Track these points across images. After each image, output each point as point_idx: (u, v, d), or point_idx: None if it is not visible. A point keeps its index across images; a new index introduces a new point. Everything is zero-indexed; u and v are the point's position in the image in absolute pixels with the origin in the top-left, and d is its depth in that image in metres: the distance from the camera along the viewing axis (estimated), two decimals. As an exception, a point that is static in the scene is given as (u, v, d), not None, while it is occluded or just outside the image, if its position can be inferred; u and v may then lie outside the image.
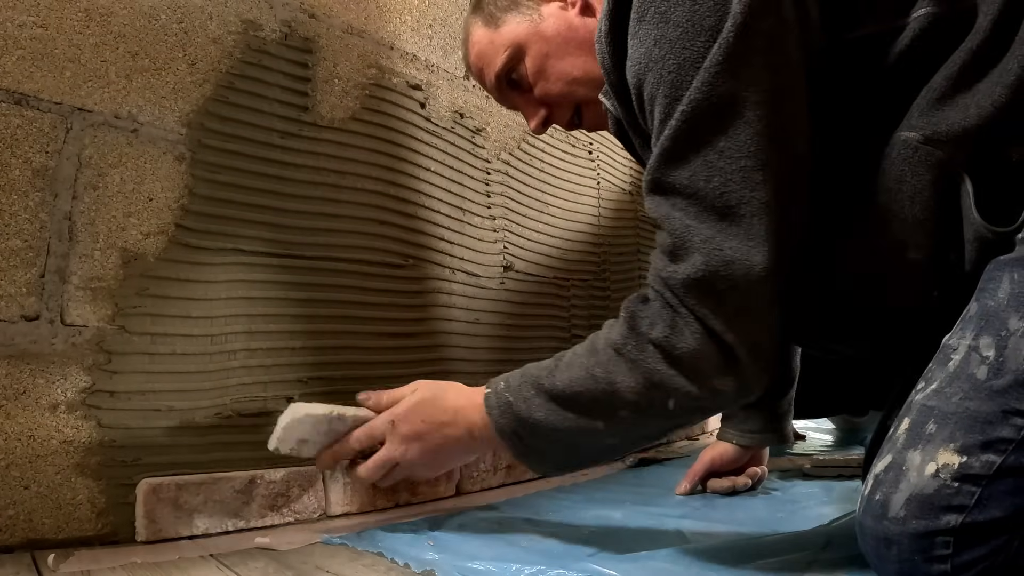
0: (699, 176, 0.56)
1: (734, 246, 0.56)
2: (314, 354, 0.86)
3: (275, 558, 0.66)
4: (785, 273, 0.58)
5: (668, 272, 0.59)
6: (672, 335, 0.59)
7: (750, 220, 0.55)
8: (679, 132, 0.56)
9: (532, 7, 0.80)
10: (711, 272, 0.56)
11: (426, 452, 0.73)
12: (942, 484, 0.49)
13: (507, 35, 0.80)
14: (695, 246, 0.57)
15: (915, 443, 0.52)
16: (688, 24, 0.56)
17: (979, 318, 0.53)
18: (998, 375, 0.50)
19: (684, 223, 0.58)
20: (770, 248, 0.55)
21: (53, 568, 0.59)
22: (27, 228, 0.65)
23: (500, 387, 0.69)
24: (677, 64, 0.56)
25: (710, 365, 0.58)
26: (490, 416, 0.68)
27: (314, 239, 0.87)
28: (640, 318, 0.62)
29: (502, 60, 0.80)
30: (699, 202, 0.57)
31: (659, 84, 0.57)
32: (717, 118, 0.55)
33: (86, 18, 0.69)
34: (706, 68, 0.55)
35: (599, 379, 0.62)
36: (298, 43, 0.87)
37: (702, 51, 0.55)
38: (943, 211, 0.56)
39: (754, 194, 0.55)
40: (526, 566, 0.60)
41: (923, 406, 0.53)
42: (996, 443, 0.48)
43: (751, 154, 0.55)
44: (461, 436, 0.71)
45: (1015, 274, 0.52)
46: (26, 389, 0.64)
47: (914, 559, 0.50)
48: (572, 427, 0.64)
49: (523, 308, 1.19)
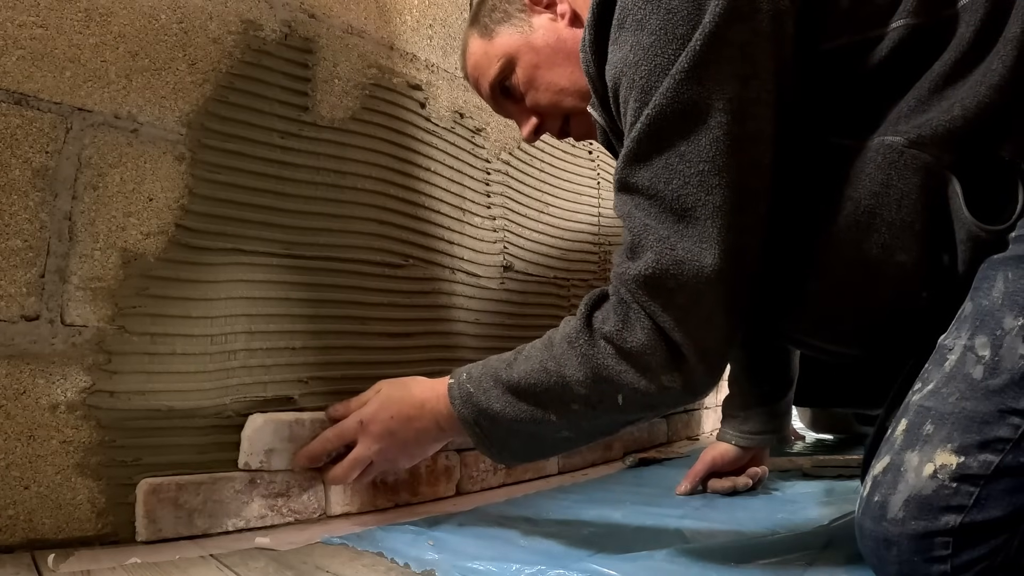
0: (660, 177, 0.59)
1: (686, 247, 0.58)
2: (314, 354, 0.86)
3: (275, 558, 0.66)
4: (745, 276, 0.60)
5: (623, 268, 0.61)
6: (623, 330, 0.61)
7: (704, 223, 0.57)
8: (643, 134, 0.59)
9: (523, 19, 0.82)
10: (662, 270, 0.58)
11: (398, 447, 0.77)
12: (940, 485, 0.49)
13: (500, 46, 0.83)
14: (650, 244, 0.59)
15: (913, 444, 0.52)
16: (662, 32, 0.57)
17: (974, 318, 0.53)
18: (994, 374, 0.50)
19: (643, 222, 0.60)
20: (722, 251, 0.57)
21: (53, 568, 0.59)
22: (27, 228, 0.65)
23: (463, 378, 0.73)
24: (648, 70, 0.58)
25: (658, 361, 0.60)
26: (453, 406, 0.72)
27: (314, 239, 0.87)
28: (595, 313, 0.64)
29: (495, 70, 0.83)
30: (658, 203, 0.59)
31: (631, 88, 0.60)
32: (680, 122, 0.57)
33: (86, 18, 0.69)
34: (672, 75, 0.57)
35: (551, 372, 0.65)
36: (298, 43, 0.87)
37: (672, 58, 0.57)
38: (932, 213, 0.56)
39: (709, 198, 0.57)
40: (526, 566, 0.60)
41: (920, 407, 0.53)
42: (994, 443, 0.48)
43: (710, 159, 0.57)
44: (430, 428, 0.76)
45: (1009, 273, 0.52)
46: (26, 389, 0.64)
47: (913, 560, 0.50)
48: (527, 418, 0.67)
49: (523, 308, 1.19)
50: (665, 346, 0.60)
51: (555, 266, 1.28)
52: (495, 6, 0.85)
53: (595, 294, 0.66)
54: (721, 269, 0.58)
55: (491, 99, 0.88)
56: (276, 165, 0.83)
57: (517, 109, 0.87)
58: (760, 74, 0.58)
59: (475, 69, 0.86)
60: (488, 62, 0.84)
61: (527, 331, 1.19)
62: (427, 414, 0.75)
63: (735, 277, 0.59)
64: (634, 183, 0.61)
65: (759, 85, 0.58)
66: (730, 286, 0.59)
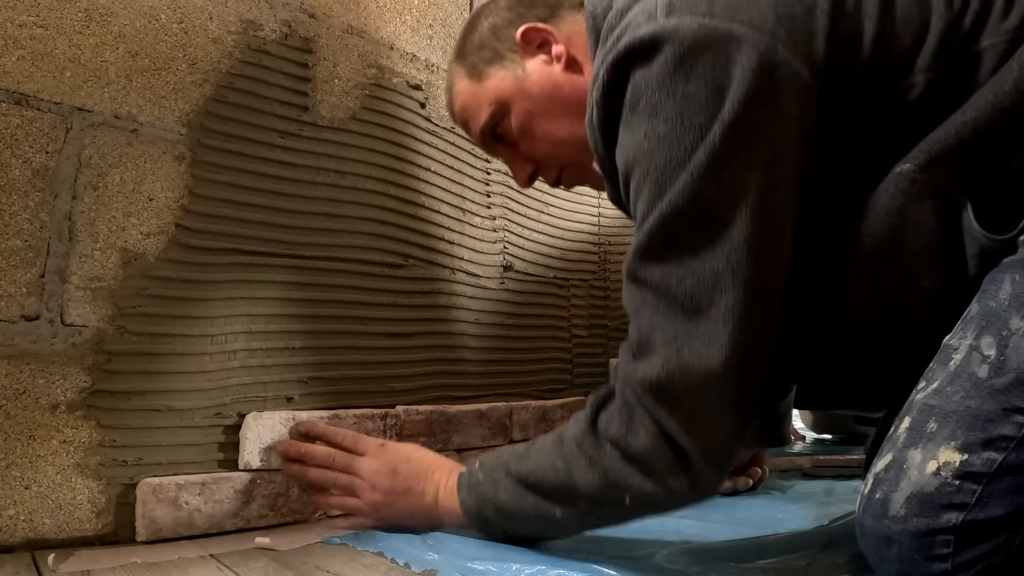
0: (672, 275, 0.56)
1: (695, 349, 0.55)
2: (314, 354, 0.86)
3: (275, 558, 0.66)
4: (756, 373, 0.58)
5: (629, 370, 0.59)
6: (628, 434, 0.59)
7: (715, 325, 0.55)
8: (656, 230, 0.56)
9: (516, 61, 0.77)
10: (668, 375, 0.56)
11: (393, 514, 0.75)
12: (943, 482, 0.49)
13: (491, 90, 0.77)
14: (657, 346, 0.57)
15: (916, 441, 0.52)
16: (677, 120, 0.55)
17: (980, 318, 0.53)
18: (999, 374, 0.50)
19: (651, 321, 0.58)
20: (732, 354, 0.55)
21: (53, 568, 0.59)
22: (27, 228, 0.65)
23: (475, 467, 0.71)
24: (663, 161, 0.55)
25: (663, 465, 0.58)
26: (459, 493, 0.70)
27: (314, 239, 0.87)
28: (600, 415, 0.62)
29: (486, 116, 0.78)
30: (669, 301, 0.56)
31: (645, 178, 0.57)
32: (696, 221, 0.55)
33: (86, 18, 0.69)
34: (690, 171, 0.54)
35: (559, 470, 0.63)
36: (298, 43, 0.87)
37: (689, 150, 0.54)
38: (948, 234, 0.55)
39: (723, 298, 0.55)
40: (526, 566, 0.60)
41: (924, 405, 0.53)
42: (997, 441, 0.49)
43: (725, 257, 0.55)
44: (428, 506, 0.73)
45: (1016, 275, 0.52)
46: (26, 389, 0.64)
47: (914, 558, 0.50)
48: (531, 512, 0.65)
49: (523, 308, 1.19)
50: (671, 450, 0.57)
51: (555, 266, 1.28)
52: (483, 43, 0.79)
53: (601, 394, 0.63)
54: (730, 372, 0.55)
55: (481, 143, 0.83)
56: (276, 165, 0.83)
57: (510, 154, 0.82)
58: (783, 159, 0.55)
59: (463, 111, 0.81)
60: (478, 106, 0.79)
61: (527, 331, 1.19)
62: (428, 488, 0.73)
63: (745, 377, 0.57)
64: (644, 277, 0.58)
65: (782, 169, 0.55)
66: (740, 386, 0.57)
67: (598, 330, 1.36)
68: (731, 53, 0.54)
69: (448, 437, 0.98)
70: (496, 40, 0.78)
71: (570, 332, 1.29)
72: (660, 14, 0.56)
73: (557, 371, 1.25)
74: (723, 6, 0.55)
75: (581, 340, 1.31)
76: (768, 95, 0.54)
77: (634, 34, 0.56)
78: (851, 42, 0.56)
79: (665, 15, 0.56)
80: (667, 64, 0.55)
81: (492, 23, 0.79)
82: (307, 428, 0.79)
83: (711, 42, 0.54)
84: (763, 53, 0.54)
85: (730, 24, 0.54)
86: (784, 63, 0.54)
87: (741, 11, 0.55)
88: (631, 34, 0.57)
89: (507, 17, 0.78)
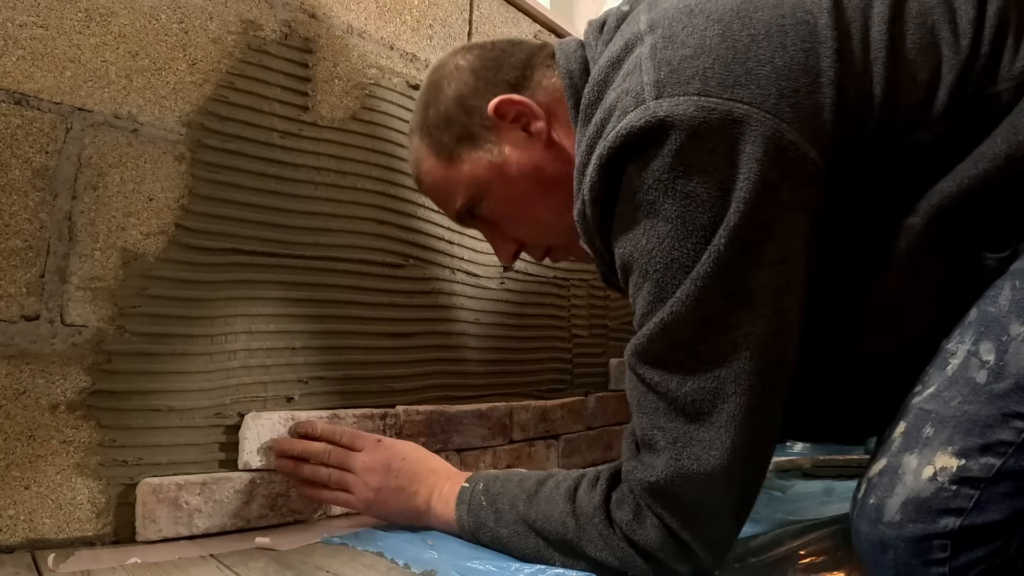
0: (672, 379, 0.54)
1: (695, 454, 0.54)
2: (314, 354, 0.86)
3: (275, 558, 0.66)
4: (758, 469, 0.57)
5: (631, 467, 0.58)
6: (635, 523, 0.58)
7: (717, 431, 0.53)
8: (657, 336, 0.54)
9: (491, 140, 0.69)
10: (667, 480, 0.55)
11: (384, 511, 0.74)
12: (940, 487, 0.49)
13: (465, 174, 0.71)
14: (659, 448, 0.56)
15: (911, 446, 0.52)
16: (679, 220, 0.51)
17: (979, 324, 0.53)
18: (998, 379, 0.49)
19: (651, 420, 0.56)
20: (732, 459, 0.53)
21: (53, 568, 0.59)
22: (27, 228, 0.65)
23: (479, 487, 0.69)
24: (664, 264, 0.52)
25: (667, 555, 0.58)
26: (457, 509, 0.69)
27: (314, 239, 0.87)
28: (612, 494, 0.61)
29: (461, 201, 0.72)
30: (669, 402, 0.55)
31: (644, 277, 0.54)
32: (699, 328, 0.52)
33: (86, 18, 0.69)
34: (693, 280, 0.51)
35: (569, 529, 0.61)
36: (298, 43, 0.86)
37: (692, 255, 0.51)
38: (958, 273, 0.55)
39: (726, 405, 0.53)
40: (526, 566, 0.60)
41: (920, 409, 0.53)
42: (996, 446, 0.48)
43: (728, 364, 0.52)
44: (419, 508, 0.72)
45: (1016, 282, 0.52)
46: (26, 389, 0.64)
47: (911, 563, 0.50)
48: (530, 551, 0.64)
49: (523, 308, 1.19)
50: (674, 542, 0.57)
51: (555, 266, 1.28)
52: (450, 118, 0.70)
53: (613, 470, 0.62)
54: (731, 476, 0.54)
55: (457, 222, 0.78)
56: (276, 165, 0.83)
57: (490, 232, 0.76)
58: (792, 254, 0.52)
59: (434, 190, 0.75)
60: (450, 188, 0.72)
61: (527, 331, 1.19)
62: (422, 491, 0.72)
63: (747, 476, 0.56)
64: (645, 378, 0.56)
65: (791, 267, 0.52)
66: (741, 485, 0.56)
67: (598, 330, 1.36)
68: (734, 141, 0.49)
69: (448, 437, 0.98)
70: (464, 115, 0.70)
71: (570, 332, 1.29)
72: (649, 96, 0.51)
73: (557, 371, 1.25)
74: (719, 81, 0.50)
75: (581, 340, 1.31)
76: (775, 187, 0.50)
77: (624, 125, 0.52)
78: (859, 110, 0.53)
79: (654, 97, 0.51)
80: (663, 159, 0.50)
81: (458, 93, 0.71)
82: (305, 427, 0.79)
83: (711, 128, 0.49)
84: (769, 138, 0.49)
85: (730, 103, 0.50)
86: (791, 147, 0.50)
87: (739, 86, 0.50)
88: (621, 124, 0.52)
89: (473, 86, 0.70)
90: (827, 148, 0.52)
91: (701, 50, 0.52)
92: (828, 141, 0.52)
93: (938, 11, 0.54)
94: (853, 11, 0.54)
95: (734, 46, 0.51)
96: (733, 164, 0.50)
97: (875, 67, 0.53)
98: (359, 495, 0.74)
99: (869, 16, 0.54)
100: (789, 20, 0.53)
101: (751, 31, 0.52)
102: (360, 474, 0.74)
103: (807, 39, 0.52)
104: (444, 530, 0.72)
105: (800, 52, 0.52)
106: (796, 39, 0.52)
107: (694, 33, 0.53)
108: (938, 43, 0.54)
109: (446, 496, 0.71)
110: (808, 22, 0.53)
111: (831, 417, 0.65)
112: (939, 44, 0.53)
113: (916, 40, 0.53)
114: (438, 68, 0.74)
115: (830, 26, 0.53)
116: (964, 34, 0.53)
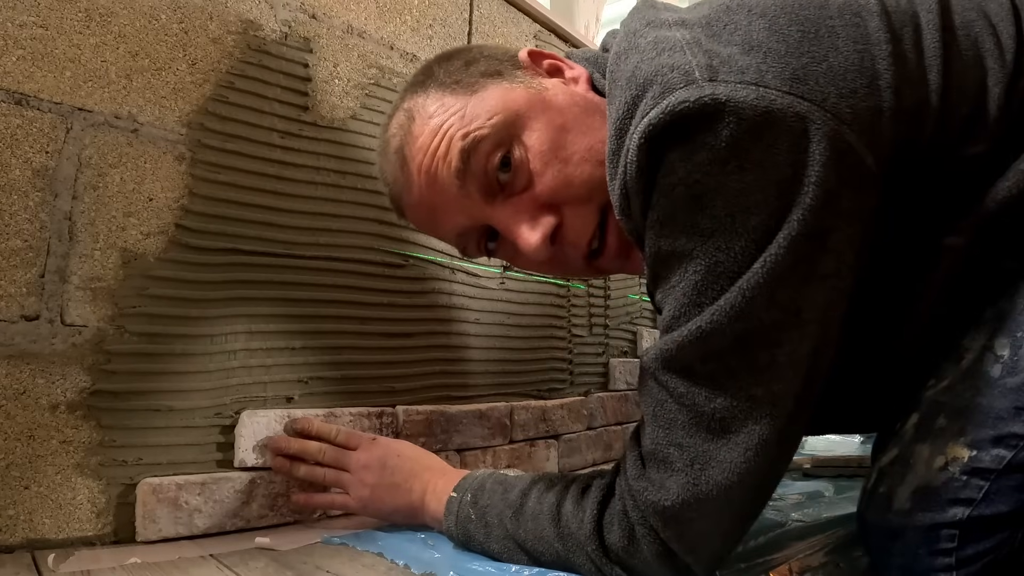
0: (700, 392, 0.49)
1: (713, 477, 0.49)
2: (314, 354, 0.86)
3: (275, 558, 0.66)
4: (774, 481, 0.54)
5: (640, 486, 0.53)
6: (630, 546, 0.54)
7: (742, 453, 0.48)
8: (690, 344, 0.48)
9: (527, 76, 0.61)
10: (684, 504, 0.50)
11: (381, 508, 0.74)
12: (951, 477, 0.50)
13: (494, 99, 0.58)
14: (676, 468, 0.50)
15: (924, 437, 0.52)
16: (727, 220, 0.45)
17: (995, 321, 0.53)
18: (1013, 373, 0.50)
19: (668, 435, 0.51)
20: (753, 484, 0.50)
21: (53, 568, 0.59)
22: (27, 228, 0.65)
23: (466, 497, 0.67)
24: (706, 266, 0.46)
25: (662, 574, 0.55)
26: (445, 520, 0.68)
27: (314, 239, 0.87)
28: (603, 516, 0.57)
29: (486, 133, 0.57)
30: (692, 415, 0.49)
31: (682, 277, 0.48)
32: (738, 342, 0.47)
33: (86, 18, 0.69)
34: (741, 288, 0.45)
35: (559, 552, 0.59)
36: (298, 43, 0.87)
37: (739, 260, 0.45)
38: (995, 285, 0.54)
39: (756, 427, 0.48)
40: (525, 568, 0.60)
41: (933, 401, 0.53)
42: (1007, 438, 0.49)
43: (766, 384, 0.47)
44: (413, 505, 0.72)
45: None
46: (26, 389, 0.64)
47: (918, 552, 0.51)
48: (524, 564, 0.62)
49: (523, 308, 1.19)
50: (671, 564, 0.54)
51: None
52: (473, 59, 0.61)
53: (603, 489, 0.57)
54: (748, 497, 0.51)
55: (457, 199, 0.60)
56: (276, 165, 0.83)
57: (512, 208, 0.59)
58: (844, 267, 0.48)
59: (435, 134, 0.58)
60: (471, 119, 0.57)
61: (527, 331, 1.19)
62: (416, 491, 0.72)
63: (762, 498, 0.53)
64: (668, 385, 0.50)
65: (842, 280, 0.48)
66: (753, 505, 0.53)
67: (598, 330, 1.36)
68: (796, 139, 0.44)
69: (448, 437, 0.98)
70: (488, 59, 0.62)
71: (570, 332, 1.29)
72: (701, 75, 0.45)
73: (557, 371, 1.25)
74: (775, 72, 0.45)
75: (581, 340, 1.31)
76: (836, 194, 0.45)
77: (672, 102, 0.45)
78: (915, 118, 0.49)
79: (708, 79, 0.45)
80: (715, 149, 0.44)
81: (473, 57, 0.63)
82: (301, 425, 0.79)
83: (773, 121, 0.44)
84: (832, 140, 0.44)
85: (790, 97, 0.44)
86: (850, 151, 0.45)
87: (798, 80, 0.45)
88: (668, 101, 0.45)
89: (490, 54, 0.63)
90: (883, 155, 0.48)
91: (749, 44, 0.47)
92: (885, 148, 0.48)
93: (979, 24, 0.52)
94: (902, 16, 0.51)
95: (785, 40, 0.47)
96: (795, 164, 0.44)
97: (931, 75, 0.50)
98: (355, 493, 0.74)
99: (919, 23, 0.51)
100: (838, 21, 0.49)
101: (800, 27, 0.48)
102: (356, 472, 0.74)
103: (859, 40, 0.48)
104: (436, 529, 0.72)
105: (854, 53, 0.48)
106: (848, 40, 0.48)
107: (738, 30, 0.48)
108: (983, 55, 0.52)
109: (440, 493, 0.71)
110: (858, 24, 0.49)
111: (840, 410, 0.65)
112: (984, 56, 0.52)
113: (964, 51, 0.51)
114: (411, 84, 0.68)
115: (883, 29, 0.49)
116: (1007, 49, 0.52)
